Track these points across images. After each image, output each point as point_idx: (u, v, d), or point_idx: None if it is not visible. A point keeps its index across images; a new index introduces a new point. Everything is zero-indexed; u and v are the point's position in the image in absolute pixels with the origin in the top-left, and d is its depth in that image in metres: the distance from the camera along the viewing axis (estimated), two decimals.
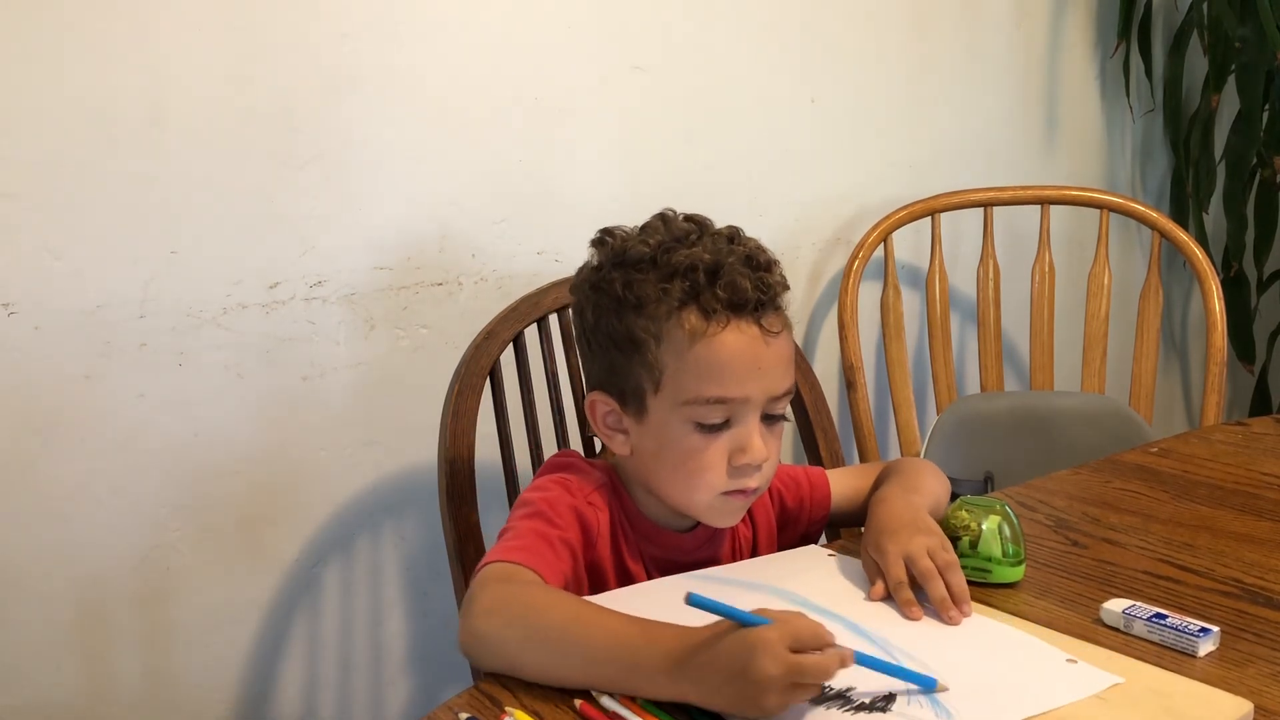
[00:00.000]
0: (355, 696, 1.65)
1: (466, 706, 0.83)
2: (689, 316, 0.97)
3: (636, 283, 0.99)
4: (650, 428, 1.01)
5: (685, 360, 0.97)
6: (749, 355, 0.98)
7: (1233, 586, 1.01)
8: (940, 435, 1.81)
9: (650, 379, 0.99)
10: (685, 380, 0.98)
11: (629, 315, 0.99)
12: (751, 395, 0.98)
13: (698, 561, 1.06)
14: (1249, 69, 2.16)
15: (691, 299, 0.98)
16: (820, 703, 0.80)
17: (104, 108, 1.35)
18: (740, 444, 0.99)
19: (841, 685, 0.81)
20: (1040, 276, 2.01)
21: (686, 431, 0.99)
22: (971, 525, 1.00)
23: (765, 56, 1.87)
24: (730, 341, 0.97)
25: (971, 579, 0.97)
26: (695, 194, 1.79)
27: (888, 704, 0.80)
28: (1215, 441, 1.41)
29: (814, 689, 0.79)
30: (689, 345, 0.97)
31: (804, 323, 2.02)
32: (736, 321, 0.98)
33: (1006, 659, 0.87)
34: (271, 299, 1.48)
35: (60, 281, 1.35)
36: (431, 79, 1.56)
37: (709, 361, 0.97)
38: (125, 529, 1.44)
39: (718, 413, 0.98)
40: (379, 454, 1.60)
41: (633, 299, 0.99)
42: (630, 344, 1.00)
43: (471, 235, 1.62)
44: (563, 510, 0.99)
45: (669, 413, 0.99)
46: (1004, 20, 2.15)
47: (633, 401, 1.02)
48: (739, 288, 0.97)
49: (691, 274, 0.98)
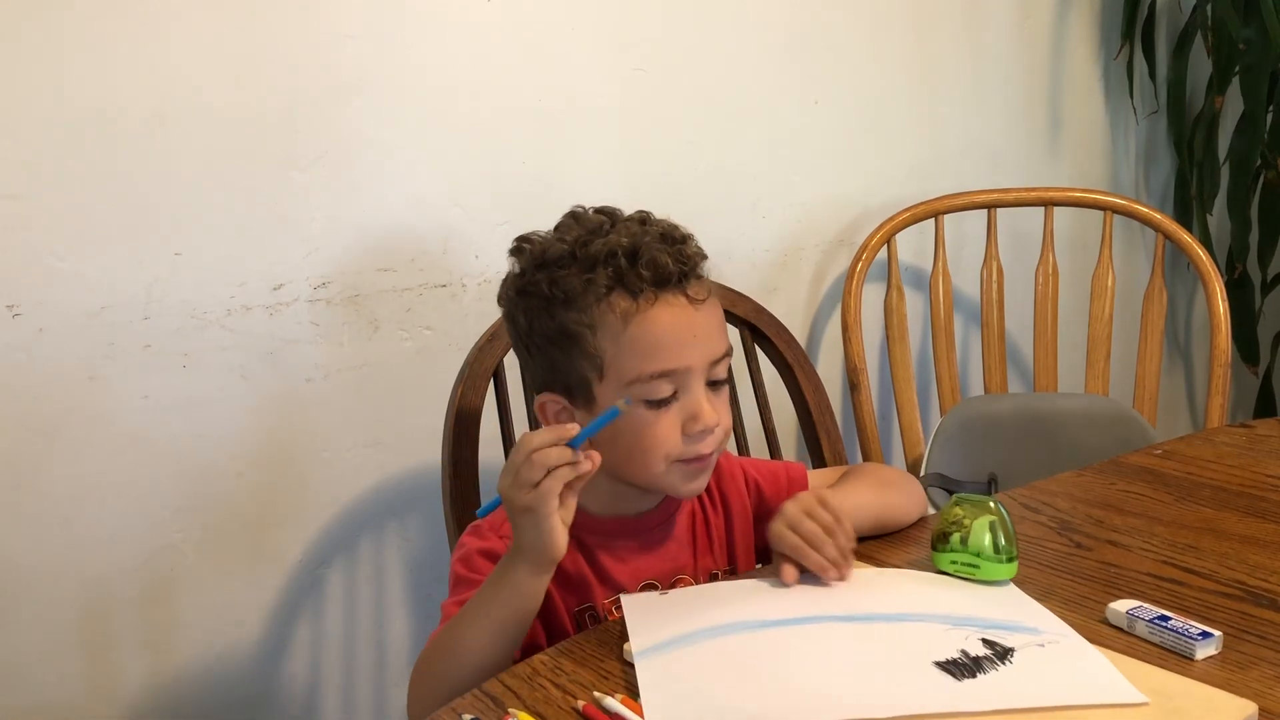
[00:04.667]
0: (359, 698, 1.65)
1: (470, 708, 0.83)
2: (618, 300, 1.00)
3: (561, 279, 1.02)
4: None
5: (622, 342, 1.00)
6: (682, 325, 1.01)
7: (1237, 589, 1.01)
8: (944, 437, 1.81)
9: (593, 367, 1.02)
10: (626, 361, 1.00)
11: (559, 311, 1.02)
12: (692, 364, 1.01)
13: (655, 541, 1.09)
14: (1253, 70, 2.16)
15: (617, 282, 1.01)
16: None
17: (108, 109, 1.35)
18: (691, 412, 1.01)
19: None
20: (1044, 278, 2.01)
21: (637, 410, 1.01)
22: (965, 521, 1.01)
23: (769, 58, 1.88)
24: (662, 315, 1.00)
25: (961, 574, 1.00)
26: (698, 196, 1.80)
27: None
28: (1219, 443, 1.41)
29: (550, 464, 0.90)
30: (623, 327, 1.00)
31: (807, 324, 2.02)
32: (664, 295, 1.01)
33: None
34: (275, 300, 1.49)
35: (64, 283, 1.35)
36: (435, 81, 1.56)
37: (645, 338, 1.00)
38: (129, 530, 1.44)
39: (663, 387, 1.01)
40: (383, 455, 1.60)
41: (560, 295, 1.02)
42: (566, 338, 1.02)
43: (475, 237, 1.62)
44: (476, 562, 1.04)
45: (616, 395, 1.01)
46: (1007, 22, 2.15)
47: (580, 393, 1.04)
48: (660, 263, 1.00)
49: (612, 259, 1.01)
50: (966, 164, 2.12)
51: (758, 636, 0.85)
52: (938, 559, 1.03)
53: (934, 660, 0.85)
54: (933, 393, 2.02)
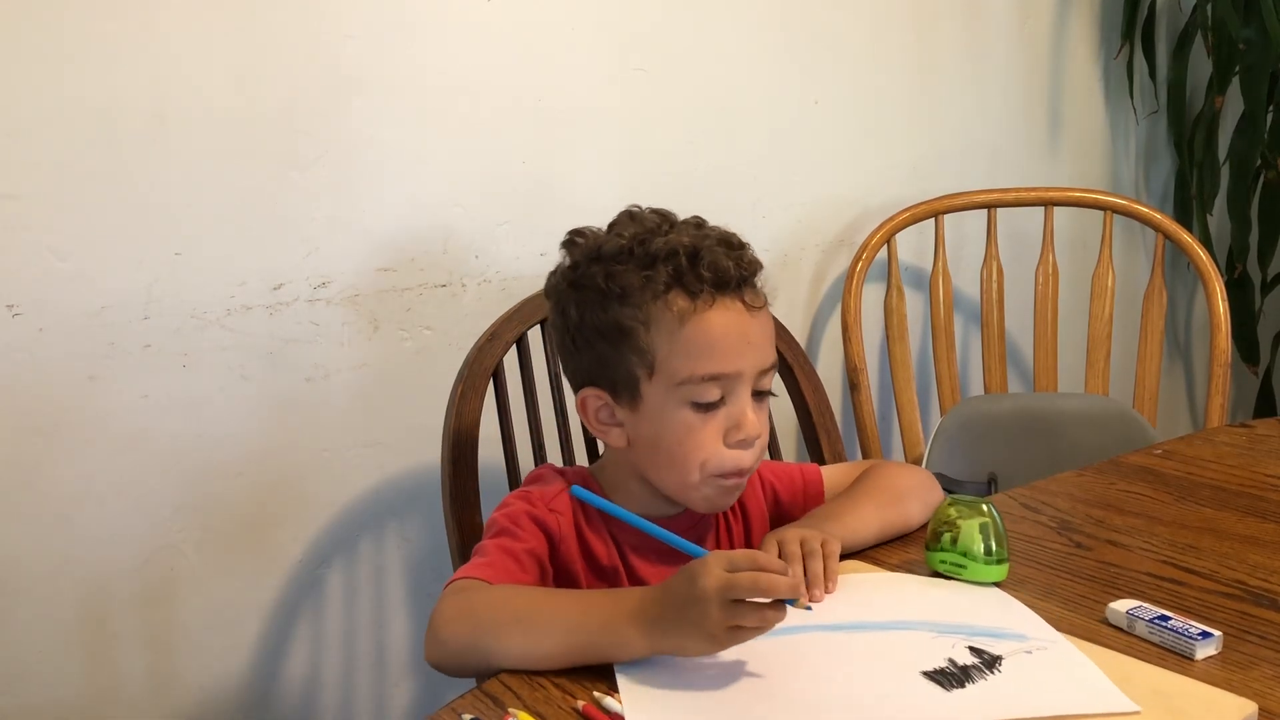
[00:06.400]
0: (359, 698, 1.65)
1: (470, 708, 0.83)
2: (675, 299, 1.00)
3: (618, 274, 1.01)
4: (646, 414, 1.03)
5: (677, 341, 1.00)
6: (737, 330, 1.00)
7: (1237, 589, 1.01)
8: (944, 437, 1.81)
9: (643, 365, 1.01)
10: (679, 361, 1.00)
11: (614, 305, 1.01)
12: (743, 369, 1.01)
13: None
14: (1253, 70, 2.16)
15: (676, 282, 1.00)
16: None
17: (108, 109, 1.35)
18: (735, 420, 1.01)
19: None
20: (1044, 278, 2.01)
21: (683, 412, 1.01)
22: (957, 522, 1.02)
23: (768, 58, 1.88)
24: (719, 318, 1.00)
25: (950, 573, 1.01)
26: (698, 195, 1.80)
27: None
28: (1219, 443, 1.41)
29: (756, 617, 0.82)
30: (679, 326, 1.00)
31: (807, 324, 2.02)
32: (722, 299, 1.00)
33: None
34: (275, 300, 1.49)
35: (64, 283, 1.35)
36: (435, 80, 1.56)
37: (701, 340, 0.99)
38: (129, 530, 1.44)
39: (713, 390, 1.00)
40: (382, 455, 1.60)
41: (616, 289, 1.01)
42: (618, 333, 1.02)
43: (475, 237, 1.62)
44: (524, 522, 1.02)
45: (665, 395, 1.01)
46: (1008, 22, 2.15)
47: (625, 391, 1.03)
48: (721, 267, 1.00)
49: (673, 258, 1.00)
50: (966, 164, 2.12)
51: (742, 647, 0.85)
52: (929, 558, 1.03)
53: (921, 670, 0.85)
54: (933, 393, 2.02)
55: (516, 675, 0.87)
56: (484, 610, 0.91)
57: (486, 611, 0.91)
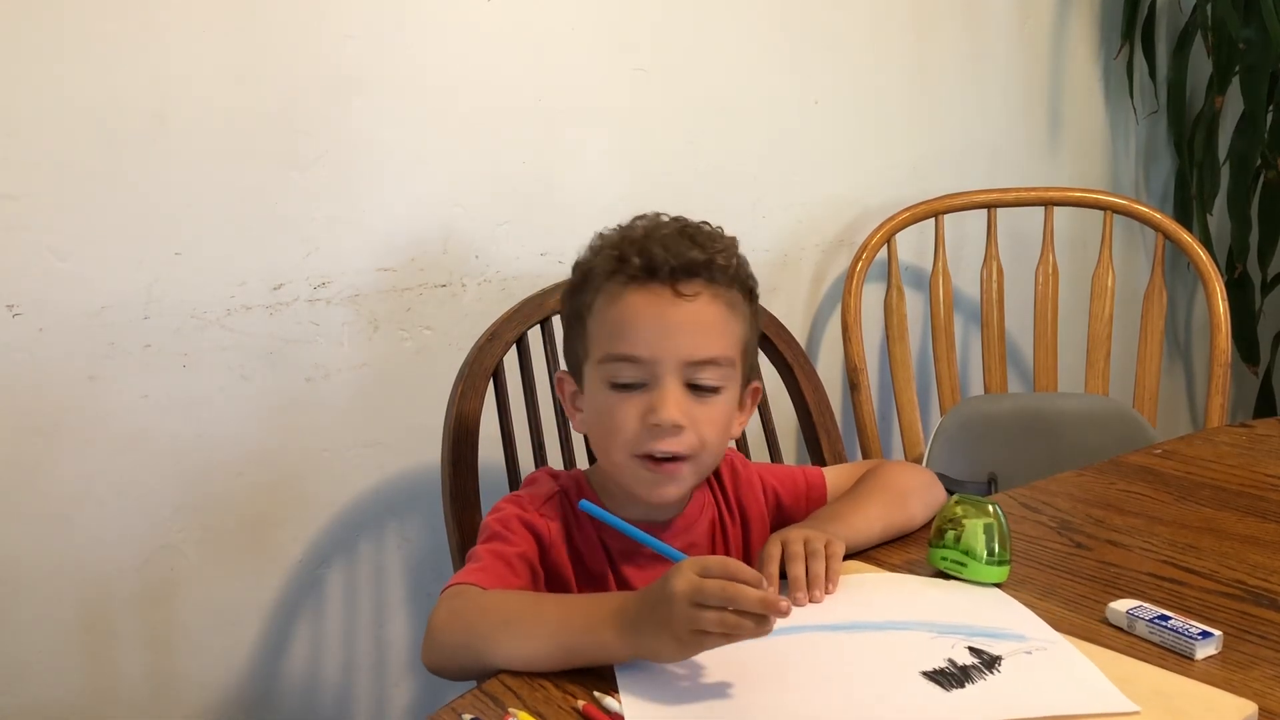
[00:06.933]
0: (359, 698, 1.65)
1: (470, 708, 0.83)
2: (610, 283, 1.03)
3: (583, 263, 1.07)
4: (586, 396, 1.06)
5: (603, 322, 1.03)
6: (653, 313, 1.01)
7: (1237, 589, 1.01)
8: (943, 437, 1.81)
9: (584, 347, 1.05)
10: (599, 339, 1.03)
11: (576, 293, 1.06)
12: (660, 357, 1.00)
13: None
14: (1253, 70, 2.16)
15: (618, 268, 1.02)
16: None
17: (108, 109, 1.35)
18: (652, 404, 1.01)
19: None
20: (1044, 278, 2.01)
21: (605, 391, 1.02)
22: (962, 521, 1.02)
23: (768, 58, 1.88)
24: (637, 300, 1.01)
25: (950, 571, 1.02)
26: (698, 195, 1.80)
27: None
28: (1219, 443, 1.41)
29: (719, 623, 0.81)
30: (607, 307, 1.02)
31: (807, 324, 2.02)
32: (649, 284, 1.01)
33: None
34: (275, 300, 1.49)
35: (64, 283, 1.35)
36: (435, 80, 1.56)
37: (616, 319, 1.02)
38: (129, 530, 1.44)
39: (627, 371, 1.01)
40: (382, 455, 1.60)
41: (579, 278, 1.06)
42: (575, 317, 1.06)
43: (475, 237, 1.62)
44: (515, 525, 1.03)
45: (593, 375, 1.04)
46: (1007, 22, 2.15)
47: (577, 374, 1.07)
48: (652, 254, 1.01)
49: (619, 246, 1.03)
50: (966, 164, 2.12)
51: (741, 647, 0.84)
52: (931, 554, 1.04)
53: (921, 670, 0.85)
54: (933, 393, 2.02)
55: (517, 675, 0.87)
56: (476, 615, 0.93)
57: (478, 616, 0.92)
